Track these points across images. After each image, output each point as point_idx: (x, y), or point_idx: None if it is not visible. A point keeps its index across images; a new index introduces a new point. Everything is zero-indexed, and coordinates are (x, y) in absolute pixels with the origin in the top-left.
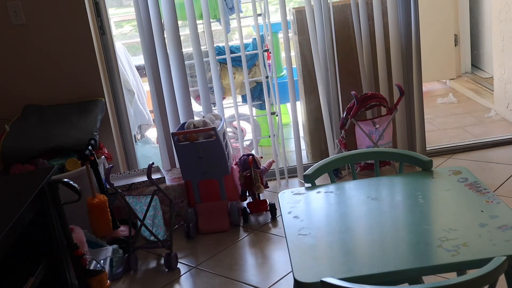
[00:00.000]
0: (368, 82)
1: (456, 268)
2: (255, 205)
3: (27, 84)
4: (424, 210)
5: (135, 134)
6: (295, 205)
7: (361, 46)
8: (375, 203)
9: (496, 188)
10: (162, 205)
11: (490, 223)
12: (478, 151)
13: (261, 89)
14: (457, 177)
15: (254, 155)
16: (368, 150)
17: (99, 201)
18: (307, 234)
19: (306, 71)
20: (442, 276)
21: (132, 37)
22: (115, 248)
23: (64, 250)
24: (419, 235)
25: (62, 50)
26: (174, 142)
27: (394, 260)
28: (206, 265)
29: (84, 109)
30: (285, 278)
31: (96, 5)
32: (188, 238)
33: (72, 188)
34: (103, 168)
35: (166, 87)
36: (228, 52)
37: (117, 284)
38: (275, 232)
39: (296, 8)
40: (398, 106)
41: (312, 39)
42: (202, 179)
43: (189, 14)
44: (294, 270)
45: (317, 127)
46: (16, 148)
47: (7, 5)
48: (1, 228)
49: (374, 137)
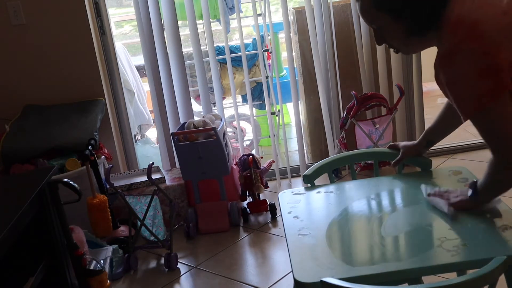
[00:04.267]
0: (368, 82)
1: (456, 268)
2: (255, 205)
3: (27, 84)
4: (424, 210)
5: (135, 134)
6: (295, 205)
7: (361, 46)
8: (375, 203)
9: None
10: (162, 205)
11: (490, 223)
12: (478, 151)
13: (261, 89)
14: (457, 177)
15: (254, 155)
16: (368, 150)
17: (99, 201)
18: (307, 234)
19: (306, 71)
20: (442, 276)
21: (132, 37)
22: (115, 248)
23: (64, 250)
24: (419, 235)
25: (62, 50)
26: (174, 142)
27: (394, 260)
28: (206, 265)
29: (84, 109)
30: (285, 278)
31: (96, 5)
32: (188, 238)
33: (72, 188)
34: (103, 168)
35: (166, 87)
36: (228, 52)
37: (117, 284)
38: (275, 232)
39: (296, 8)
40: (398, 106)
41: (312, 39)
42: (202, 179)
43: (189, 14)
44: (294, 270)
45: (317, 127)
46: (16, 148)
47: (7, 5)
48: (1, 228)
49: (374, 137)
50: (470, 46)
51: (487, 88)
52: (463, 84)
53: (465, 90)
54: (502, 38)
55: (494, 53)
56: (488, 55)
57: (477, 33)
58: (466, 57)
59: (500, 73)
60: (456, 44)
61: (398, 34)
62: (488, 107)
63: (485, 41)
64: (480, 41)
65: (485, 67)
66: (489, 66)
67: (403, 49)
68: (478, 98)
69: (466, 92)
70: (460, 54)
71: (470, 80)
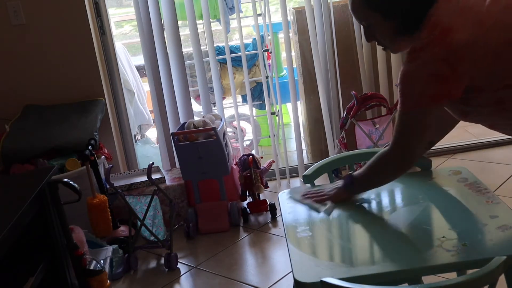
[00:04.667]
0: (368, 82)
1: (456, 268)
2: (255, 205)
3: (27, 84)
4: (424, 210)
5: (135, 134)
6: (295, 205)
7: (361, 46)
8: (374, 203)
9: (496, 188)
10: (162, 205)
11: (490, 223)
12: (478, 151)
13: (261, 89)
14: (457, 177)
15: (254, 155)
16: (368, 150)
17: (99, 201)
18: (307, 234)
19: (306, 71)
20: (442, 276)
21: (132, 37)
22: (115, 248)
23: (64, 250)
24: (419, 235)
25: (62, 50)
26: (174, 142)
27: (394, 260)
28: (206, 265)
29: (84, 109)
30: (285, 278)
31: (96, 5)
32: (188, 238)
33: (72, 188)
34: (103, 168)
35: (166, 87)
36: (228, 52)
37: (117, 284)
38: (275, 232)
39: (296, 8)
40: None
41: (312, 39)
42: (202, 179)
43: (189, 14)
44: (294, 270)
45: (317, 127)
46: (16, 148)
47: (7, 5)
48: (1, 228)
49: (374, 137)
50: (434, 49)
51: (432, 93)
52: (413, 81)
53: (413, 87)
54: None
55: (452, 63)
56: (445, 63)
57: (446, 40)
58: (427, 58)
59: (449, 83)
60: (424, 44)
61: (387, 32)
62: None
63: (449, 49)
64: (445, 47)
65: (437, 73)
66: (441, 73)
67: (390, 47)
68: (421, 99)
69: (414, 90)
70: (423, 54)
71: (421, 80)
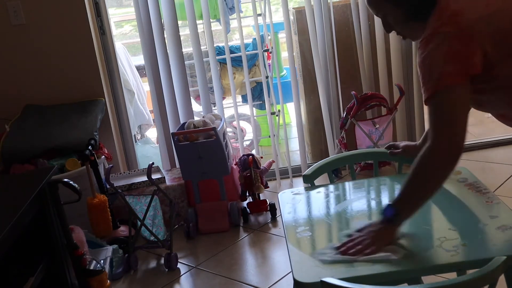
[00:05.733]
0: (368, 82)
1: (456, 268)
2: (255, 205)
3: (27, 84)
4: (424, 210)
5: (135, 134)
6: (295, 205)
7: (361, 46)
8: (375, 203)
9: (496, 188)
10: (162, 205)
11: (490, 223)
12: (478, 151)
13: (261, 89)
14: (457, 177)
15: (254, 155)
16: (368, 150)
17: (99, 201)
18: (307, 234)
19: (306, 71)
20: (442, 276)
21: (132, 37)
22: (115, 248)
23: (64, 250)
24: (419, 235)
25: (62, 50)
26: (174, 142)
27: (394, 260)
28: (206, 265)
29: (84, 109)
30: (285, 278)
31: (96, 5)
32: (188, 238)
33: (72, 188)
34: (103, 168)
35: (166, 87)
36: (228, 52)
37: (117, 284)
38: (275, 232)
39: (296, 8)
40: (398, 106)
41: (312, 39)
42: (202, 179)
43: (189, 14)
44: (294, 270)
45: (317, 127)
46: (16, 148)
47: (7, 5)
48: (1, 228)
49: (374, 137)
50: (445, 29)
51: (451, 70)
52: (430, 64)
53: (431, 70)
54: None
55: (464, 39)
56: (457, 40)
57: (455, 20)
58: (439, 40)
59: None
60: (435, 28)
61: (399, 20)
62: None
63: (460, 28)
64: (455, 26)
65: (451, 49)
66: (455, 49)
67: (408, 34)
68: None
69: (432, 71)
70: (436, 37)
71: (438, 61)
